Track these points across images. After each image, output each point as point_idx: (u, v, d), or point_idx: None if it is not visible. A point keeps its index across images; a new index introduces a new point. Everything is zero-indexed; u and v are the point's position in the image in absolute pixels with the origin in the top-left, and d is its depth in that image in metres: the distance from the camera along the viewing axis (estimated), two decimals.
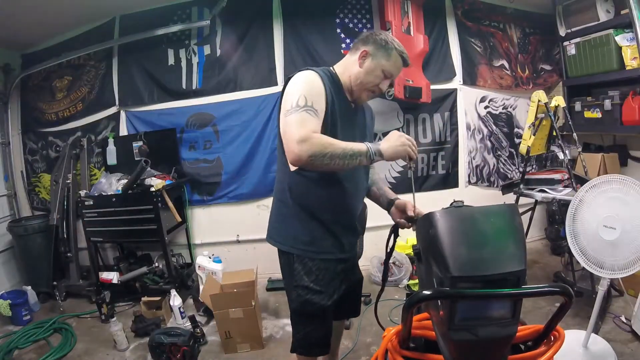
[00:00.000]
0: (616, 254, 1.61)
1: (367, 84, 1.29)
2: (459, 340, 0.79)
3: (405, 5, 2.89)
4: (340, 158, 1.11)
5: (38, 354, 2.32)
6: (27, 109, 3.55)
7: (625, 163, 3.14)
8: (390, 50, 1.27)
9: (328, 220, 1.33)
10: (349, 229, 1.40)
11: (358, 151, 1.14)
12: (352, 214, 1.40)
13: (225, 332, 2.21)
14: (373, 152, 1.15)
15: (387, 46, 1.27)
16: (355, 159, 1.13)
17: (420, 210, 1.30)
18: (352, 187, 1.36)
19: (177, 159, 3.13)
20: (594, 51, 2.97)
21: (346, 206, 1.37)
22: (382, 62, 1.27)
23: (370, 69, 1.28)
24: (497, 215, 0.84)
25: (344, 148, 1.12)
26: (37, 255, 3.06)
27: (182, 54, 3.15)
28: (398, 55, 1.28)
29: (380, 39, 1.28)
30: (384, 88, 1.32)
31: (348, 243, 1.41)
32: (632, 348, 1.94)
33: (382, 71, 1.28)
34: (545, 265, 3.09)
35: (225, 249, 3.22)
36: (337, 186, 1.31)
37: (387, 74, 1.29)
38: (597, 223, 1.66)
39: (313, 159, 1.09)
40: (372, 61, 1.28)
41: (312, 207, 1.32)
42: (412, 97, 2.89)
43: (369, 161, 1.16)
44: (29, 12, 2.83)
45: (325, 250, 1.34)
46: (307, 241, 1.32)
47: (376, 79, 1.29)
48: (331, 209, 1.33)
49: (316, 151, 1.09)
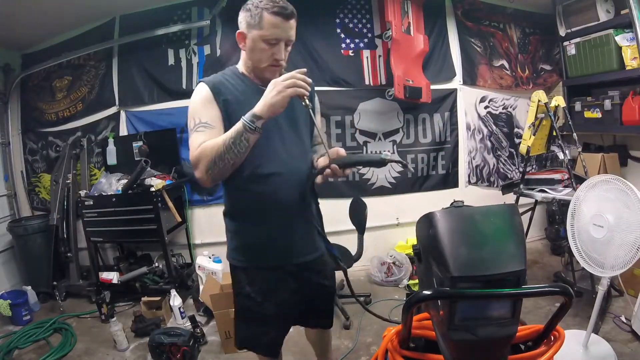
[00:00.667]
0: (606, 252, 1.63)
1: (259, 62, 1.17)
2: (459, 340, 0.79)
3: (405, 5, 2.89)
4: (227, 152, 1.05)
5: (38, 354, 2.32)
6: (27, 109, 3.55)
7: (625, 163, 3.14)
8: (257, 14, 1.10)
9: (257, 227, 1.26)
10: (288, 231, 1.27)
11: (236, 132, 1.05)
12: (287, 214, 1.24)
13: (225, 332, 2.21)
14: (248, 121, 1.03)
15: (253, 12, 1.11)
16: (240, 140, 1.05)
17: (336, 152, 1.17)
18: (283, 180, 1.22)
19: (177, 159, 3.13)
20: (594, 51, 2.97)
21: (276, 206, 1.23)
22: (257, 33, 1.12)
23: (250, 46, 1.15)
24: (497, 215, 0.84)
25: (224, 139, 1.06)
26: (37, 255, 3.05)
27: (182, 54, 3.15)
28: (269, 14, 1.09)
29: (246, 8, 1.14)
30: (280, 55, 1.15)
31: (288, 248, 1.28)
32: (632, 348, 1.94)
33: (263, 41, 1.12)
34: (545, 265, 3.09)
35: (225, 249, 3.21)
36: (263, 186, 1.21)
37: (270, 40, 1.12)
38: (587, 221, 1.70)
39: (210, 172, 1.08)
40: (249, 38, 1.14)
41: (241, 217, 1.29)
42: (412, 97, 2.89)
43: (253, 132, 1.04)
44: (29, 12, 2.83)
45: (262, 259, 1.28)
46: (241, 252, 1.31)
47: (263, 52, 1.14)
48: (258, 215, 1.25)
49: (206, 164, 1.07)
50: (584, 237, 1.72)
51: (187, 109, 1.25)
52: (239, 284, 1.33)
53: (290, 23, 1.14)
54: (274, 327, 1.35)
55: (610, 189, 1.64)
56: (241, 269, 1.32)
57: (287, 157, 1.23)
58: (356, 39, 3.13)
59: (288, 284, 1.31)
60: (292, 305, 1.35)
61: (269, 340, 1.36)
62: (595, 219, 1.67)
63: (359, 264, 2.58)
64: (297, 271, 1.32)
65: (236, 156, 1.06)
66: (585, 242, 1.71)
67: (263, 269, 1.30)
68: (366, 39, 3.15)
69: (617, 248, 1.57)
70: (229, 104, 1.17)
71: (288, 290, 1.32)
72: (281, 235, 1.27)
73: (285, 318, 1.38)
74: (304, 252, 1.32)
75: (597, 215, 1.66)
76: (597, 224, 1.65)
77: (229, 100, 1.17)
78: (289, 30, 1.14)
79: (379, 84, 3.15)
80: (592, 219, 1.68)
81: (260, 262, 1.29)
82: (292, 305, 1.35)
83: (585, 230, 1.70)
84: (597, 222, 1.65)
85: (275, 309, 1.31)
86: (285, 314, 1.35)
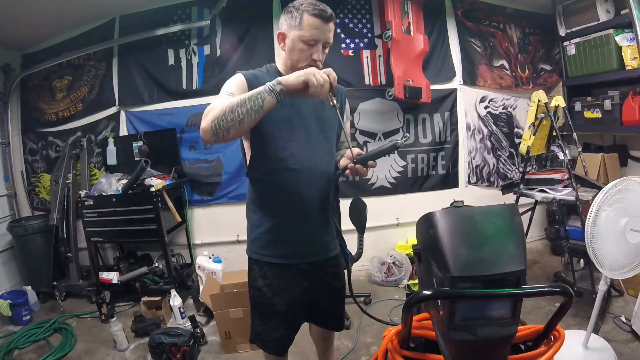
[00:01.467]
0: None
1: (297, 62, 1.21)
2: (459, 340, 0.79)
3: (405, 5, 2.90)
4: (240, 105, 1.02)
5: (38, 354, 2.32)
6: (27, 109, 3.55)
7: (625, 163, 3.14)
8: (298, 15, 1.16)
9: (279, 222, 1.27)
10: (305, 228, 1.28)
11: (255, 90, 1.05)
12: (306, 210, 1.26)
13: (225, 332, 2.21)
14: (272, 86, 1.04)
15: (294, 13, 1.17)
16: (256, 97, 1.04)
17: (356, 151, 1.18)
18: (305, 176, 1.24)
19: (177, 159, 3.14)
20: (594, 51, 2.97)
21: (295, 201, 1.25)
22: (297, 34, 1.17)
23: (290, 47, 1.20)
24: (497, 215, 0.84)
25: (240, 97, 1.05)
26: (37, 255, 3.05)
27: (182, 54, 3.15)
28: (309, 15, 1.15)
29: (287, 10, 1.20)
30: (318, 57, 1.20)
31: (305, 247, 1.30)
32: (632, 348, 1.94)
33: (302, 42, 1.17)
34: (545, 265, 3.09)
35: (225, 249, 3.22)
36: (285, 181, 1.23)
37: (309, 41, 1.17)
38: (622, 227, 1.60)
39: (215, 122, 1.02)
40: (289, 38, 1.19)
41: (261, 209, 1.30)
42: (412, 97, 2.89)
43: (270, 93, 1.04)
44: (29, 12, 2.83)
45: (277, 255, 1.29)
46: (259, 245, 1.31)
47: (301, 52, 1.19)
48: (278, 209, 1.27)
49: (215, 115, 1.03)
50: (612, 243, 1.62)
51: (187, 109, 1.26)
52: (253, 277, 1.35)
53: (329, 26, 1.19)
54: (284, 323, 1.36)
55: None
56: (255, 261, 1.33)
57: (311, 154, 1.25)
58: (356, 39, 3.13)
59: (300, 282, 1.32)
60: (302, 303, 1.36)
61: (278, 336, 1.37)
62: (633, 224, 1.58)
63: (359, 264, 2.58)
64: (310, 270, 1.33)
65: (247, 113, 1.03)
66: (617, 248, 1.61)
67: (277, 264, 1.31)
68: (366, 39, 3.15)
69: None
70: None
71: (299, 288, 1.33)
72: (297, 231, 1.28)
73: (295, 315, 1.39)
74: (319, 251, 1.34)
75: (636, 219, 1.57)
76: (635, 229, 1.57)
77: None
78: (327, 33, 1.20)
79: (379, 84, 3.15)
80: (629, 224, 1.59)
81: (275, 257, 1.30)
82: (302, 303, 1.36)
83: (621, 236, 1.60)
84: (635, 227, 1.57)
85: (285, 305, 1.32)
86: (295, 312, 1.37)
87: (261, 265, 1.32)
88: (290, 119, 1.23)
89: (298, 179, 1.23)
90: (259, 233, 1.31)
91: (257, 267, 1.34)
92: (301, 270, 1.32)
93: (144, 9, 3.13)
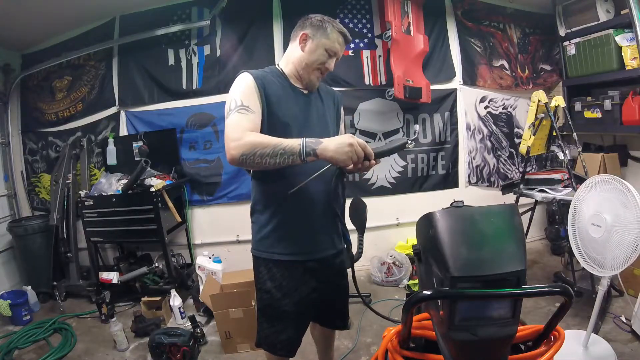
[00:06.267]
0: (604, 251, 1.63)
1: (312, 64, 1.29)
2: (459, 341, 0.79)
3: (405, 5, 2.90)
4: (270, 157, 1.08)
5: (38, 354, 2.32)
6: (27, 109, 3.55)
7: (625, 163, 3.14)
8: (327, 28, 1.27)
9: (285, 219, 1.29)
10: (312, 225, 1.31)
11: (290, 149, 1.08)
12: (312, 207, 1.30)
13: (225, 332, 2.21)
14: (306, 151, 1.07)
15: (324, 25, 1.27)
16: (287, 157, 1.08)
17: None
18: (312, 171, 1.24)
19: (177, 159, 3.14)
20: (594, 51, 2.97)
21: (306, 196, 1.26)
22: (322, 41, 1.27)
23: (312, 49, 1.28)
24: (497, 215, 0.84)
25: (274, 146, 1.08)
26: (37, 255, 3.06)
27: (182, 54, 3.15)
28: (337, 32, 1.28)
29: (316, 20, 1.29)
30: (331, 67, 1.32)
31: (312, 243, 1.33)
32: (632, 348, 1.94)
33: (325, 49, 1.28)
34: (545, 265, 3.09)
35: (225, 249, 3.22)
36: (292, 177, 1.24)
37: (330, 52, 1.28)
38: (586, 221, 1.71)
39: (244, 157, 1.09)
40: (313, 42, 1.27)
41: (267, 208, 1.31)
42: (412, 97, 2.89)
43: (302, 160, 1.09)
44: (29, 12, 2.83)
45: (284, 252, 1.30)
46: (268, 243, 1.32)
47: (320, 57, 1.28)
48: (289, 206, 1.28)
49: (245, 151, 1.08)
50: (584, 237, 1.72)
51: (186, 109, 1.27)
52: (260, 279, 1.35)
53: (344, 46, 1.34)
54: (292, 324, 1.37)
55: (609, 189, 1.64)
56: (263, 262, 1.34)
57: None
58: (356, 39, 3.13)
59: (308, 281, 1.34)
60: (310, 303, 1.37)
61: (287, 337, 1.37)
62: (593, 219, 1.67)
63: (359, 264, 2.54)
64: (317, 268, 1.35)
65: (274, 164, 1.09)
66: (585, 242, 1.72)
67: (285, 261, 1.31)
68: (366, 39, 3.15)
69: (615, 248, 1.57)
70: (269, 97, 1.23)
71: (307, 288, 1.34)
72: (305, 226, 1.30)
73: (304, 315, 1.40)
74: (327, 246, 1.37)
75: (596, 215, 1.66)
76: (596, 223, 1.66)
77: (269, 95, 1.24)
78: (342, 51, 1.33)
79: (379, 84, 3.15)
80: (590, 218, 1.68)
81: (285, 254, 1.31)
82: (310, 303, 1.37)
83: (585, 230, 1.71)
84: (596, 222, 1.66)
85: (294, 306, 1.33)
86: (303, 312, 1.37)
87: (269, 266, 1.33)
88: (296, 117, 1.28)
89: (304, 175, 1.23)
90: (267, 231, 1.31)
91: (264, 269, 1.34)
92: (308, 269, 1.34)
93: (144, 9, 3.13)
